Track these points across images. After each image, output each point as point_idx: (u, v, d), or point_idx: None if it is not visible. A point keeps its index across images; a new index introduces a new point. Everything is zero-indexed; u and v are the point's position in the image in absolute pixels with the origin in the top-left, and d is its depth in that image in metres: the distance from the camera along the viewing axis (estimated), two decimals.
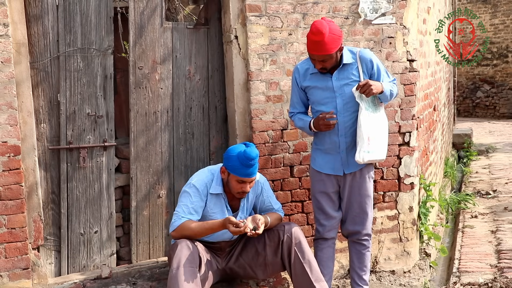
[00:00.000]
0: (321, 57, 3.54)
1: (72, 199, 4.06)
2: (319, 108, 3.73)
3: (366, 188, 3.82)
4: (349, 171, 3.76)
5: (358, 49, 3.75)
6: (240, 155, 3.45)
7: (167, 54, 4.26)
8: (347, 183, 3.79)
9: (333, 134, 3.71)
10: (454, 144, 10.78)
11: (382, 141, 3.72)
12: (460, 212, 6.79)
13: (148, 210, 4.29)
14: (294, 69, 3.83)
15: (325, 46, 3.48)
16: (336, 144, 3.72)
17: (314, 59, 3.59)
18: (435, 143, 6.68)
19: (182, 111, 4.34)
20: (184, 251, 3.34)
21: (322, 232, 3.86)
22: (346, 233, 3.93)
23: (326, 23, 3.49)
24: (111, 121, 4.15)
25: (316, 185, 3.85)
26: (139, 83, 4.20)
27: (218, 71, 4.42)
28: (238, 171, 3.47)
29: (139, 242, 4.29)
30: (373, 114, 3.68)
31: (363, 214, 3.83)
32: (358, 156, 3.63)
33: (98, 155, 4.12)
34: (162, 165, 4.30)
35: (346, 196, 3.81)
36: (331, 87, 3.67)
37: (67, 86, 3.98)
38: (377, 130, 3.68)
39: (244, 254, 3.71)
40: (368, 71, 3.71)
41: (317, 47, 3.50)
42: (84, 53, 4.01)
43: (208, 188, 3.57)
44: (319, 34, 3.46)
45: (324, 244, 3.87)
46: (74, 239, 4.08)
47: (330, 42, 3.48)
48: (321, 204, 3.83)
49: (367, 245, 3.91)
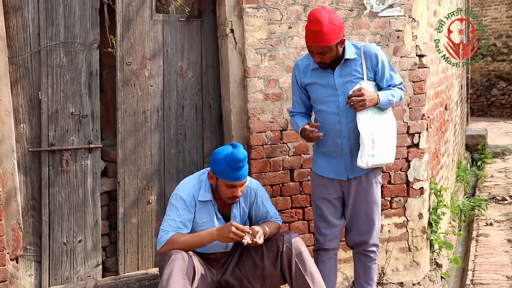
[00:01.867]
0: (319, 49, 3.51)
1: (54, 206, 4.04)
2: (320, 107, 3.71)
3: (373, 194, 3.79)
4: (353, 175, 3.74)
5: (363, 43, 3.72)
6: (227, 157, 3.43)
7: (157, 48, 4.25)
8: (352, 188, 3.77)
9: (336, 136, 3.69)
10: (468, 146, 10.78)
11: (389, 143, 3.69)
12: (474, 219, 6.78)
13: (136, 217, 4.28)
14: (294, 66, 3.82)
15: (324, 37, 3.45)
16: (339, 146, 3.71)
17: (312, 52, 3.55)
18: (447, 145, 6.68)
19: (173, 110, 4.33)
20: (177, 261, 3.32)
21: (323, 242, 3.84)
22: (351, 244, 3.91)
23: (326, 12, 3.46)
24: (96, 121, 4.14)
25: (317, 190, 3.84)
26: (127, 80, 4.19)
27: (213, 67, 4.41)
28: (227, 175, 3.45)
29: (127, 252, 4.28)
30: (378, 113, 3.66)
31: (370, 223, 3.81)
32: (361, 160, 3.59)
33: (82, 158, 4.11)
34: (152, 168, 4.29)
35: (351, 203, 3.79)
36: (333, 85, 3.66)
37: (49, 83, 3.97)
38: (383, 131, 3.65)
39: (240, 266, 3.70)
40: (373, 67, 3.68)
41: (315, 37, 3.46)
42: (67, 48, 4.00)
43: (196, 198, 3.55)
44: (317, 23, 3.42)
45: (325, 255, 3.85)
46: (56, 249, 4.06)
47: (329, 32, 3.45)
48: (323, 211, 3.82)
49: (374, 257, 3.89)
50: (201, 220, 3.57)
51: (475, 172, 9.47)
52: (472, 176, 9.18)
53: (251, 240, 3.41)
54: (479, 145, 10.70)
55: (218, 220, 3.62)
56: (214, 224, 3.58)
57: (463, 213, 6.97)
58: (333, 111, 3.67)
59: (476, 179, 9.16)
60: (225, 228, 3.42)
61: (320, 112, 3.72)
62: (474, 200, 7.34)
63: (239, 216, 3.69)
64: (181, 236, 3.46)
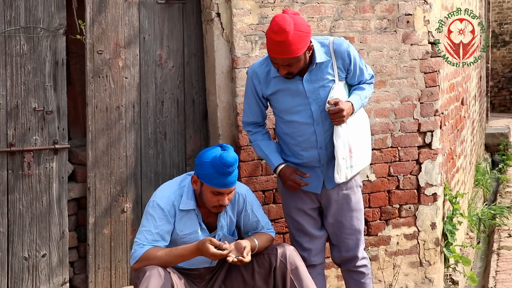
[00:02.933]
0: (286, 61, 3.48)
1: (14, 215, 4.03)
2: (290, 118, 3.70)
3: (356, 201, 3.81)
4: (331, 185, 3.74)
5: (330, 38, 3.70)
6: (215, 161, 3.41)
7: (132, 35, 4.24)
8: (332, 199, 3.76)
9: (311, 147, 3.68)
10: (487, 146, 10.82)
11: (365, 146, 3.76)
12: (495, 230, 6.80)
13: (109, 228, 4.27)
14: (251, 73, 3.76)
15: (290, 47, 3.42)
16: (315, 158, 3.70)
17: (277, 64, 3.53)
18: (463, 145, 6.69)
19: (151, 105, 4.32)
20: (152, 279, 3.31)
21: (309, 258, 3.82)
22: (339, 261, 3.91)
23: (290, 18, 3.42)
24: (63, 118, 4.12)
25: (290, 201, 3.83)
26: (98, 71, 4.17)
27: (196, 57, 4.41)
28: (213, 180, 3.44)
29: (98, 268, 4.27)
30: (350, 117, 3.66)
31: (356, 234, 3.82)
32: (339, 176, 3.62)
33: (47, 160, 4.09)
34: (127, 172, 4.29)
35: (332, 214, 3.79)
36: (303, 92, 3.64)
37: (7, 74, 3.96)
38: (358, 135, 3.69)
39: (228, 283, 3.69)
40: (345, 66, 3.68)
41: (281, 49, 3.43)
42: (29, 34, 3.99)
43: (176, 207, 3.54)
44: (282, 33, 3.38)
45: (313, 272, 3.81)
46: (16, 265, 4.05)
47: (296, 41, 3.42)
48: (301, 225, 3.81)
49: (366, 272, 3.89)
50: (182, 232, 3.55)
51: (496, 176, 9.50)
52: (492, 181, 9.22)
53: (236, 258, 3.40)
54: (501, 145, 10.73)
55: (202, 231, 3.60)
56: (198, 236, 3.56)
57: (482, 222, 6.98)
58: (306, 121, 3.66)
59: (497, 184, 9.19)
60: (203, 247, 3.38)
61: (291, 123, 3.70)
62: (495, 208, 7.37)
63: (226, 227, 3.68)
64: (158, 251, 3.44)
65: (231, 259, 3.39)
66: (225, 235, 3.65)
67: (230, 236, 3.69)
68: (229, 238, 3.62)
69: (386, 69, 4.49)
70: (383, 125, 4.51)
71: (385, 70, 4.49)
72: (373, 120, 4.45)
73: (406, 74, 4.54)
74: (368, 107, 4.42)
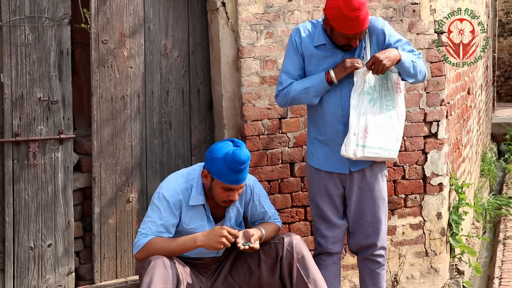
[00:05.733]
0: (361, 34, 3.59)
1: (19, 205, 4.04)
2: None
3: (379, 189, 3.80)
4: (356, 168, 3.74)
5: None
6: (228, 157, 3.41)
7: (137, 24, 4.24)
8: (355, 184, 3.77)
9: (336, 121, 3.69)
10: (494, 136, 10.79)
11: (388, 133, 3.70)
12: (501, 220, 6.80)
13: (114, 218, 4.28)
14: (294, 33, 3.76)
15: (365, 20, 3.53)
16: (339, 134, 3.69)
17: (350, 39, 3.58)
18: (470, 135, 6.69)
19: (156, 95, 4.32)
20: (157, 269, 3.33)
21: (325, 245, 3.84)
22: (356, 248, 3.91)
23: None
24: (68, 107, 4.13)
25: (315, 187, 3.83)
26: (103, 60, 4.18)
27: (201, 46, 4.41)
28: (225, 177, 3.44)
29: (104, 258, 4.28)
30: (379, 98, 3.67)
31: (377, 223, 3.81)
32: (345, 149, 3.61)
33: (52, 150, 4.10)
34: (132, 162, 4.29)
35: (355, 201, 3.79)
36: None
37: (12, 64, 3.96)
38: (380, 118, 3.67)
39: (234, 273, 3.71)
40: (380, 45, 3.70)
41: (359, 24, 3.50)
42: (33, 23, 3.98)
43: (182, 201, 3.54)
44: (361, 7, 3.46)
45: (328, 260, 3.85)
46: (22, 255, 4.06)
47: (367, 13, 3.54)
48: (323, 211, 3.81)
49: (382, 263, 3.90)
50: (188, 225, 3.56)
51: (502, 166, 9.48)
52: (499, 171, 9.20)
53: (247, 245, 3.42)
54: (507, 135, 10.68)
55: (209, 224, 3.62)
56: (205, 229, 3.57)
57: (488, 212, 6.98)
58: (335, 93, 3.67)
59: (504, 174, 9.17)
60: (215, 233, 3.41)
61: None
62: (501, 198, 7.36)
63: (233, 218, 3.69)
64: (162, 241, 3.46)
65: (242, 246, 3.40)
66: (233, 226, 3.67)
67: (237, 227, 3.70)
68: (236, 229, 3.63)
69: None
70: None
71: None
72: None
73: None
74: None
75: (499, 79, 16.66)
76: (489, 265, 5.78)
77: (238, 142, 3.51)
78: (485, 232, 6.74)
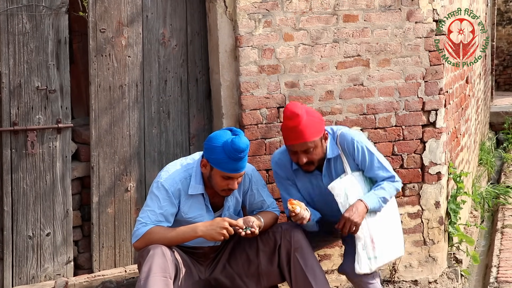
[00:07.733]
0: (303, 146, 3.55)
1: (18, 194, 4.05)
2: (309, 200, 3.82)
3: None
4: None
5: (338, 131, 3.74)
6: (227, 146, 3.41)
7: (135, 13, 4.24)
8: None
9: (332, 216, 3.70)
10: (492, 125, 10.79)
11: (392, 236, 3.74)
12: (499, 209, 6.81)
13: (113, 207, 4.29)
14: (274, 162, 3.85)
15: (305, 131, 3.53)
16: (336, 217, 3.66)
17: (296, 152, 3.59)
18: (468, 124, 6.69)
19: (154, 84, 4.32)
20: (156, 257, 3.33)
21: None
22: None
23: (301, 105, 3.60)
24: (66, 96, 4.13)
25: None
26: (101, 49, 4.18)
27: (199, 35, 4.41)
28: (224, 165, 3.44)
29: (102, 247, 4.29)
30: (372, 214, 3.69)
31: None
32: (359, 267, 3.59)
33: (50, 139, 4.11)
34: (130, 151, 4.30)
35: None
36: (323, 186, 3.72)
37: (10, 53, 3.96)
38: (382, 225, 3.69)
39: (232, 262, 3.71)
40: (353, 157, 3.72)
41: (296, 135, 3.53)
42: (31, 12, 3.98)
43: (181, 190, 3.54)
44: (295, 117, 3.50)
45: None
46: (20, 244, 4.07)
47: (309, 125, 3.53)
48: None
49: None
50: (187, 214, 3.56)
51: (500, 155, 9.48)
52: (497, 160, 9.20)
53: (249, 230, 3.43)
54: (506, 124, 10.68)
55: (208, 213, 3.62)
56: (204, 218, 3.57)
57: (487, 201, 6.99)
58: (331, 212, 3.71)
59: (502, 163, 9.18)
60: (217, 224, 3.42)
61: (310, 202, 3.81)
62: (499, 187, 7.37)
63: (232, 207, 3.69)
64: (161, 230, 3.45)
65: (243, 233, 3.41)
66: (231, 215, 3.67)
67: (235, 216, 3.70)
68: (234, 218, 3.63)
69: (390, 47, 4.48)
70: (387, 103, 4.50)
71: (389, 49, 4.47)
72: (377, 99, 4.45)
73: (411, 52, 4.53)
74: (372, 86, 4.42)
75: (498, 68, 16.63)
76: (487, 254, 5.79)
77: (237, 130, 3.50)
78: (483, 221, 6.75)
